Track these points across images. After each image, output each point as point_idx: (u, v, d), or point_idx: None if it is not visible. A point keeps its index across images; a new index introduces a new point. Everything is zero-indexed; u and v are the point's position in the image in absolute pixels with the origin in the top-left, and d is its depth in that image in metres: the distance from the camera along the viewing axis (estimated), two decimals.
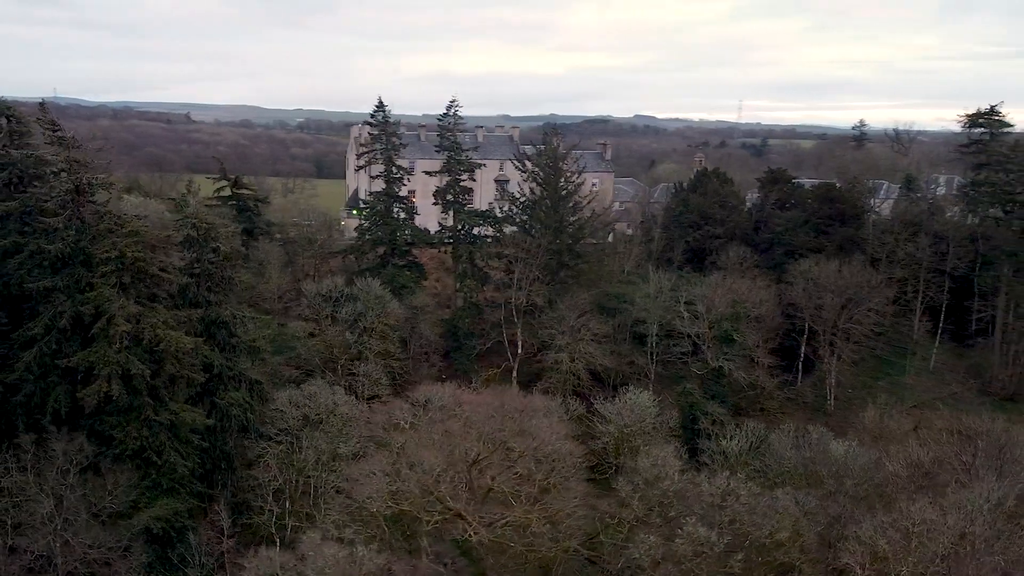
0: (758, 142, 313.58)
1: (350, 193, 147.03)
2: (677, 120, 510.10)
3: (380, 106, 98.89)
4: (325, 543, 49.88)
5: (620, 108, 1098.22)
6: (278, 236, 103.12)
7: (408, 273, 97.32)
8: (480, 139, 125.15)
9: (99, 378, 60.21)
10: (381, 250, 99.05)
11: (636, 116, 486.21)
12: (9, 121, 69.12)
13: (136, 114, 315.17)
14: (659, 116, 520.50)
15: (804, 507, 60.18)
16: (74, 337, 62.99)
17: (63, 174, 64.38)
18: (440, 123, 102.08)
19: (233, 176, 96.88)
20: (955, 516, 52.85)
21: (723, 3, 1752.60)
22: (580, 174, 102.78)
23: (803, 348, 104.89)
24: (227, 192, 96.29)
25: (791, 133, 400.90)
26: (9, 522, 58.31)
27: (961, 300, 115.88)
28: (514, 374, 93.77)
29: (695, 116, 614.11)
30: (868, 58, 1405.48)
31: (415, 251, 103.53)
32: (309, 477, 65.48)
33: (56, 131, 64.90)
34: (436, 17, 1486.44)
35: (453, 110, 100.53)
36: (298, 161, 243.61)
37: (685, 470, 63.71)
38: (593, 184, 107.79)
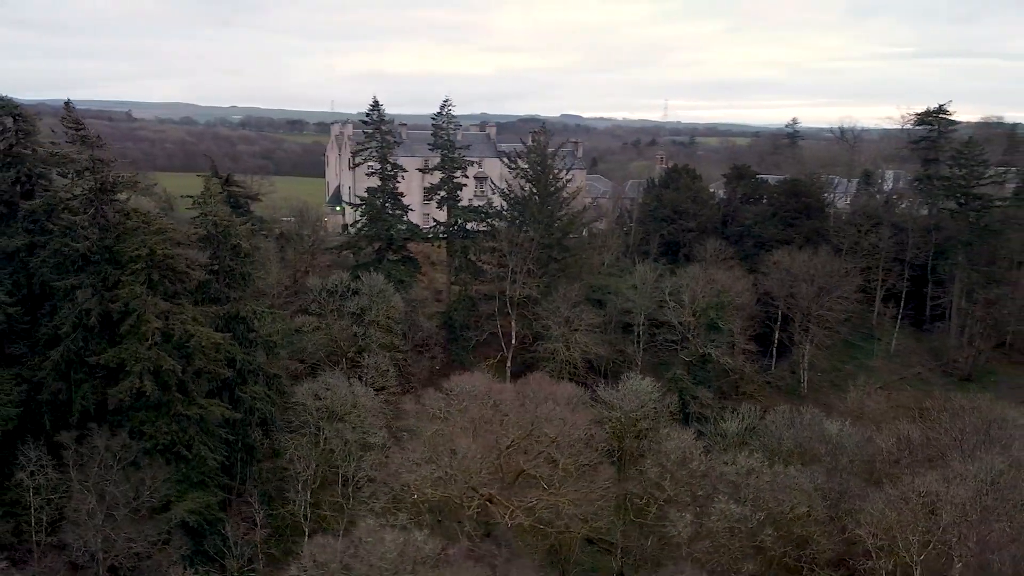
0: (687, 140, 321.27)
1: (332, 190, 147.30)
2: (603, 119, 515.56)
3: (375, 105, 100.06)
4: (383, 529, 51.35)
5: (547, 107, 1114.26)
6: (263, 233, 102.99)
7: (404, 268, 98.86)
8: (459, 137, 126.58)
9: (131, 375, 60.60)
10: (377, 245, 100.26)
11: (563, 115, 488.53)
12: (15, 120, 68.88)
13: (77, 112, 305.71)
14: (585, 115, 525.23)
15: (814, 483, 63.79)
16: (101, 334, 63.31)
17: (86, 172, 64.43)
18: (434, 122, 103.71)
19: (224, 174, 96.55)
20: (959, 487, 56.85)
21: (645, 5, 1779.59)
22: (569, 171, 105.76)
23: (777, 334, 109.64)
24: (217, 189, 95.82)
25: (713, 131, 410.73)
26: (45, 519, 58.80)
27: (919, 287, 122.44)
28: (508, 364, 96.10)
29: (619, 115, 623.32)
30: (782, 59, 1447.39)
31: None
32: (335, 467, 66.66)
33: (80, 130, 65.01)
34: (367, 17, 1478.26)
35: (446, 109, 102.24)
36: (247, 158, 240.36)
37: (707, 451, 66.77)
38: (567, 181, 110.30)
